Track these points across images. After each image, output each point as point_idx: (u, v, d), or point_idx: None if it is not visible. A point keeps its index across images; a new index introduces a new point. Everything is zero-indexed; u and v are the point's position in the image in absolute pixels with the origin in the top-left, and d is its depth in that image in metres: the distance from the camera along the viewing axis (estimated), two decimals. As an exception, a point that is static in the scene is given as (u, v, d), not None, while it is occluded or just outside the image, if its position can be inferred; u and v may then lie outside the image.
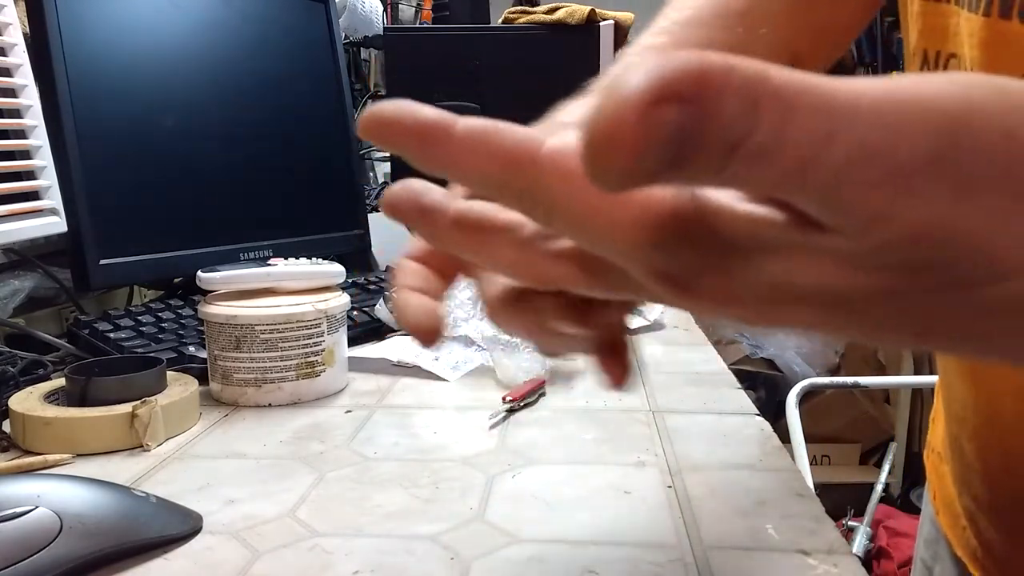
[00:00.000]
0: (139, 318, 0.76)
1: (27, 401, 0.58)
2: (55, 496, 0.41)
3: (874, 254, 0.18)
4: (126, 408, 0.56)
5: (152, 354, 0.68)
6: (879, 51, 2.95)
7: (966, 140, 0.17)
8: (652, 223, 0.19)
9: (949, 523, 0.55)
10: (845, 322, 0.20)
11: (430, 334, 0.28)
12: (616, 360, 0.29)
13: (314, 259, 0.72)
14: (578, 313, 0.26)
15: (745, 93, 0.15)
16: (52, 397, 0.59)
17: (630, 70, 0.15)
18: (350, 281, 0.92)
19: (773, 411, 1.84)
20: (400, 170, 1.53)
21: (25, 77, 0.75)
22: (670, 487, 0.50)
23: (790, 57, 0.48)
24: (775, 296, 0.19)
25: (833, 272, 0.18)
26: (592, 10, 1.40)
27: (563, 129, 0.20)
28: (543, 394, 0.68)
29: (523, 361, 0.70)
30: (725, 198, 0.19)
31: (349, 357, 0.72)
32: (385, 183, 1.68)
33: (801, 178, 0.16)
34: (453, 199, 0.23)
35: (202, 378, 0.67)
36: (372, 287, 0.95)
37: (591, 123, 0.15)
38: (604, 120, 0.15)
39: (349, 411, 0.65)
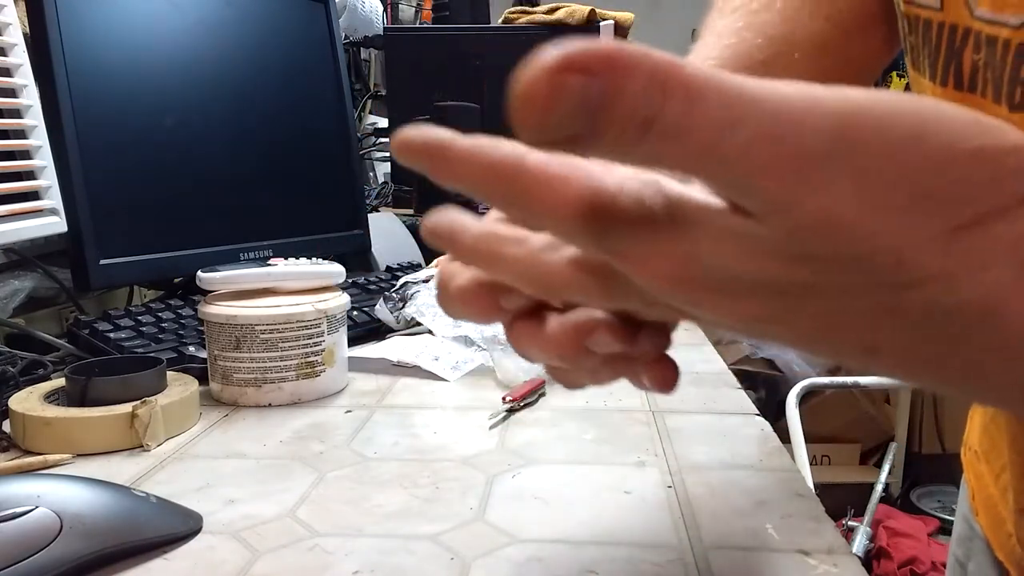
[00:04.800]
0: (139, 318, 0.76)
1: (27, 401, 0.58)
2: (55, 496, 0.41)
3: (789, 241, 0.19)
4: (126, 408, 0.56)
5: (152, 354, 0.68)
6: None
7: (868, 136, 0.18)
8: (599, 206, 0.20)
9: (991, 525, 0.54)
10: (787, 321, 0.21)
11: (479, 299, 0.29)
12: (664, 364, 0.29)
13: (314, 259, 0.72)
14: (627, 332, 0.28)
15: (653, 76, 0.17)
16: (52, 397, 0.59)
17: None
18: (350, 281, 0.92)
19: (773, 411, 1.84)
20: (400, 171, 1.53)
21: (25, 77, 0.75)
22: (670, 487, 0.50)
23: None
24: (716, 282, 0.20)
25: (759, 260, 0.20)
26: (592, 10, 1.40)
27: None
28: (543, 394, 0.68)
29: (523, 361, 0.70)
30: (669, 184, 0.21)
31: (349, 357, 0.72)
32: (385, 183, 1.68)
33: (707, 159, 0.18)
34: (478, 222, 0.26)
35: (202, 378, 0.67)
36: (372, 287, 0.95)
37: (515, 84, 0.17)
38: (522, 81, 0.17)
39: (349, 411, 0.65)
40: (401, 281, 0.87)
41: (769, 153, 0.17)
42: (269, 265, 0.69)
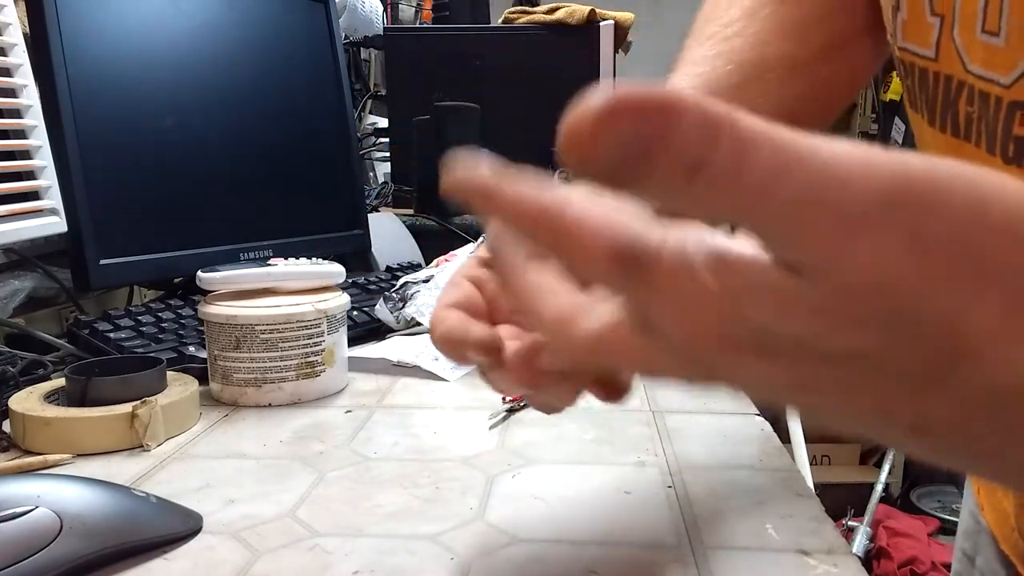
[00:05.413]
0: (139, 318, 0.76)
1: (27, 401, 0.58)
2: (55, 496, 0.41)
3: (835, 301, 0.18)
4: (126, 408, 0.56)
5: (152, 354, 0.68)
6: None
7: (924, 200, 0.17)
8: (630, 253, 0.20)
9: (996, 520, 0.55)
10: (827, 390, 0.20)
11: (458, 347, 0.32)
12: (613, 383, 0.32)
13: (314, 259, 0.72)
14: None
15: (705, 122, 0.17)
16: (52, 397, 0.59)
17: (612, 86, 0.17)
18: (350, 281, 0.92)
19: (773, 411, 1.84)
20: (400, 171, 1.54)
21: (25, 77, 0.75)
22: (670, 487, 0.50)
23: (788, 122, 0.49)
24: (753, 342, 0.19)
25: (802, 320, 0.19)
26: (592, 10, 1.40)
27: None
28: (543, 394, 0.68)
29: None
30: (712, 238, 0.20)
31: (349, 357, 0.72)
32: (385, 183, 1.68)
33: (754, 211, 0.17)
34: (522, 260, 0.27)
35: (202, 378, 0.67)
36: (372, 287, 0.95)
37: (564, 118, 0.17)
38: (571, 117, 0.17)
39: (349, 411, 0.65)
40: (401, 281, 0.87)
41: (814, 209, 0.17)
42: (269, 265, 0.69)
